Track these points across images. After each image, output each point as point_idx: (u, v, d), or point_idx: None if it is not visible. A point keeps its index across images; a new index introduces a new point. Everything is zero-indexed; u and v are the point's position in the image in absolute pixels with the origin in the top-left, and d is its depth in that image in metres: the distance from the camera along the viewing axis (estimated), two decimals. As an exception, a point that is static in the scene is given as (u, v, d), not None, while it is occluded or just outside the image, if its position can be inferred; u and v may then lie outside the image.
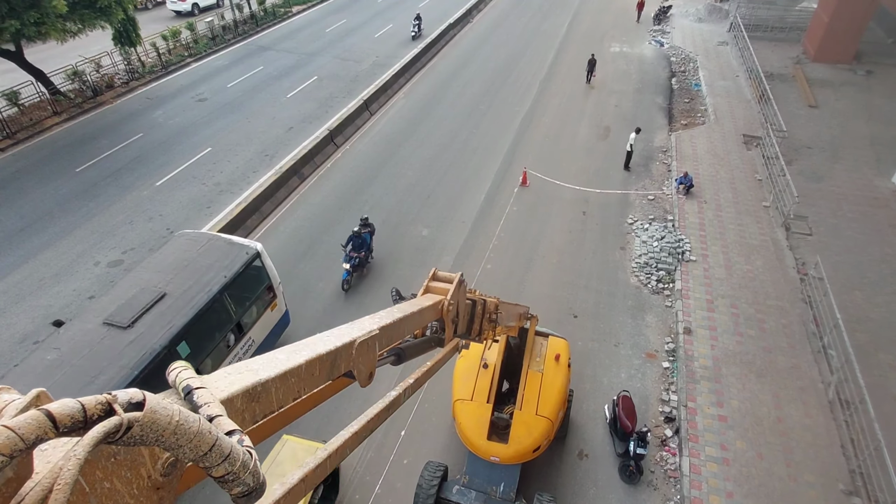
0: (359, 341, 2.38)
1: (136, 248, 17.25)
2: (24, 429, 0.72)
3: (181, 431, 0.94)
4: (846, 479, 10.83)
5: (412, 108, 26.37)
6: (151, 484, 1.05)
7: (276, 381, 1.60)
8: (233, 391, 1.40)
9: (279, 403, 1.65)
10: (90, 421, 0.81)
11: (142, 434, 0.87)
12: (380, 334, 2.68)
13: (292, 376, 1.71)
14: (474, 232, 18.04)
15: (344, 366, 2.26)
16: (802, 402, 12.30)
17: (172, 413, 0.93)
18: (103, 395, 0.85)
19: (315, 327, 14.50)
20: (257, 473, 1.14)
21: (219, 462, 1.04)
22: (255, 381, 1.49)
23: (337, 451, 2.21)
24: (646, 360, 13.59)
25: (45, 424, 0.75)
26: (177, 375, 1.26)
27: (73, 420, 0.79)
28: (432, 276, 5.10)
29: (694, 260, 16.30)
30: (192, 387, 1.23)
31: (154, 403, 0.91)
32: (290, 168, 20.35)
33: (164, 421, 0.91)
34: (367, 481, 11.09)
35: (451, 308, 4.82)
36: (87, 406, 0.81)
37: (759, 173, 20.52)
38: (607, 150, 22.66)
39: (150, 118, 24.93)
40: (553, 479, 11.05)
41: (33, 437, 0.73)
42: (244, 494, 1.13)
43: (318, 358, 1.93)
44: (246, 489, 1.12)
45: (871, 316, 14.61)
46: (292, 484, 1.77)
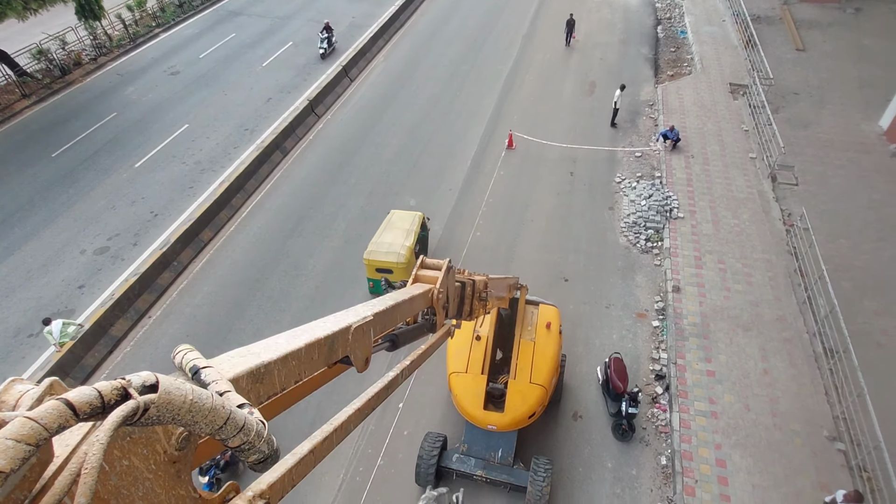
0: (354, 326, 2.45)
1: (122, 233, 17.06)
2: (46, 419, 0.76)
3: (196, 409, 1.00)
4: (830, 426, 11.27)
5: (393, 71, 25.66)
6: (167, 458, 1.11)
7: (279, 364, 1.67)
8: (238, 372, 1.46)
9: (282, 385, 1.72)
10: (108, 406, 0.85)
11: (158, 414, 0.92)
12: (374, 320, 2.75)
13: (293, 359, 1.78)
14: (462, 199, 17.93)
15: (341, 350, 2.36)
16: (788, 353, 12.65)
17: (186, 392, 0.98)
18: (117, 380, 0.89)
19: (309, 305, 14.61)
20: (271, 441, 1.23)
21: (234, 434, 1.11)
22: (259, 363, 1.56)
23: (342, 426, 2.32)
24: (636, 319, 13.83)
25: (66, 413, 0.79)
26: (183, 357, 1.30)
27: (91, 407, 0.82)
28: (420, 263, 5.11)
29: (682, 217, 16.36)
30: (199, 367, 1.27)
31: (167, 384, 0.95)
32: (272, 142, 19.94)
33: (178, 400, 0.96)
34: (370, 453, 11.42)
35: (441, 296, 4.87)
36: (103, 392, 0.84)
37: (746, 123, 20.35)
38: (593, 106, 22.31)
39: (122, 96, 24.15)
40: (549, 442, 11.42)
41: (56, 425, 0.77)
42: (260, 461, 1.22)
43: (316, 342, 2.01)
44: (262, 456, 1.21)
45: (856, 264, 14.85)
46: (302, 454, 1.87)
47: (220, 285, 15.39)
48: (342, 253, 16.15)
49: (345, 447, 11.50)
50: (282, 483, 1.64)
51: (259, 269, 15.79)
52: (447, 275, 5.04)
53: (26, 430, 0.74)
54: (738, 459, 10.80)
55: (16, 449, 0.72)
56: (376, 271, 13.97)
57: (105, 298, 14.80)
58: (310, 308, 14.50)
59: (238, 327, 14.20)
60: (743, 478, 10.52)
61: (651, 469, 10.94)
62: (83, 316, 14.48)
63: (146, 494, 1.04)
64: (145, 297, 14.78)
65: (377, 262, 13.77)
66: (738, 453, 10.89)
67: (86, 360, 13.26)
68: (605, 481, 10.76)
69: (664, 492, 10.58)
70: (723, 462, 10.77)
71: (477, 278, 6.76)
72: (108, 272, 15.78)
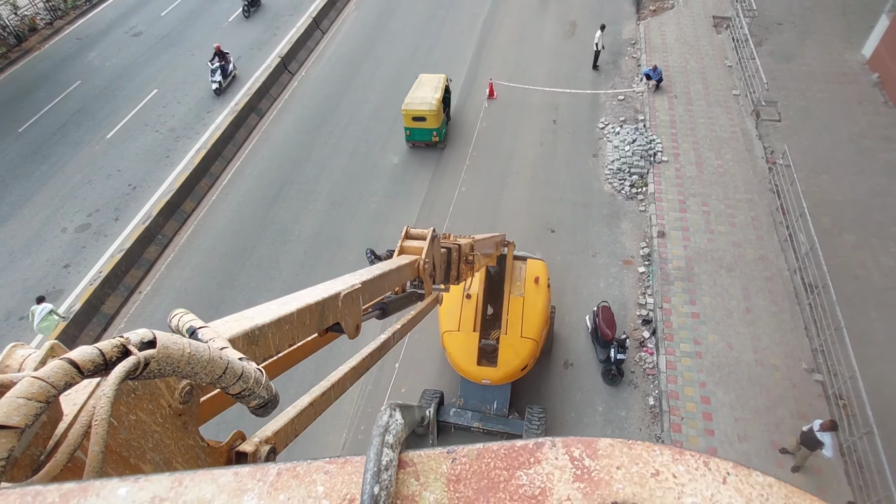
0: (343, 293, 2.53)
1: (101, 209, 16.76)
2: (53, 377, 0.81)
3: (194, 360, 1.05)
4: (808, 359, 11.80)
5: (365, 21, 24.64)
6: (173, 412, 1.18)
7: (272, 327, 1.74)
8: (233, 333, 1.52)
9: (276, 348, 1.80)
10: (110, 363, 0.90)
11: (159, 368, 0.97)
12: (362, 288, 2.84)
13: (286, 323, 1.85)
14: (446, 154, 17.71)
15: (332, 317, 2.44)
16: (769, 291, 13.04)
17: (184, 346, 1.03)
18: (116, 338, 0.94)
19: (299, 271, 14.66)
20: (270, 387, 1.30)
21: (234, 381, 1.17)
22: (253, 326, 1.63)
23: (338, 383, 2.44)
24: (623, 267, 14.09)
25: (71, 371, 0.84)
26: (179, 319, 1.35)
27: (94, 364, 0.88)
28: (405, 234, 5.16)
29: (666, 161, 16.36)
30: (196, 327, 1.32)
31: (165, 339, 1.00)
32: (247, 104, 19.34)
33: (177, 353, 1.00)
34: (369, 413, 11.82)
35: (427, 265, 4.96)
36: (104, 350, 0.89)
37: (730, 59, 20.01)
38: (574, 48, 21.73)
39: (84, 62, 23.07)
40: (542, 390, 11.87)
41: (62, 383, 0.82)
42: (261, 406, 1.30)
43: (307, 307, 2.07)
44: (262, 401, 1.28)
45: (836, 198, 15.06)
46: (303, 406, 1.99)
47: (208, 256, 15.33)
48: (328, 216, 16.06)
49: (346, 407, 11.88)
50: (285, 431, 1.74)
51: (245, 238, 15.71)
52: (432, 244, 5.10)
53: (35, 388, 0.79)
54: (722, 395, 11.33)
55: (28, 406, 0.77)
56: (412, 119, 16.91)
57: (93, 276, 14.73)
58: (300, 274, 14.56)
59: (230, 298, 14.27)
60: (726, 412, 11.08)
61: (639, 410, 11.47)
62: (73, 294, 14.46)
63: (156, 446, 1.11)
64: (133, 273, 14.72)
65: (413, 112, 16.72)
66: (722, 390, 11.42)
67: (81, 339, 13.31)
68: (596, 424, 11.28)
69: (652, 430, 11.15)
70: (707, 399, 11.31)
71: (462, 242, 6.80)
72: (93, 249, 15.62)
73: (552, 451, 0.64)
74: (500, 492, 0.61)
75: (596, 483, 0.60)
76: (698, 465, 0.60)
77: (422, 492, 0.63)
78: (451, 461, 0.65)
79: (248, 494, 0.65)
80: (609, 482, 0.60)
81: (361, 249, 14.82)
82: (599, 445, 0.64)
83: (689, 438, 10.76)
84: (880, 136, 16.59)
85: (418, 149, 17.92)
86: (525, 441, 0.65)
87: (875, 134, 16.66)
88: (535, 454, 0.64)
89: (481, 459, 0.64)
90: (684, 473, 0.60)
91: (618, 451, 0.63)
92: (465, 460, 0.65)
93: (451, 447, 0.66)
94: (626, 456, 0.62)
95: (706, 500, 0.57)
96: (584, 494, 0.59)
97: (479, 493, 0.61)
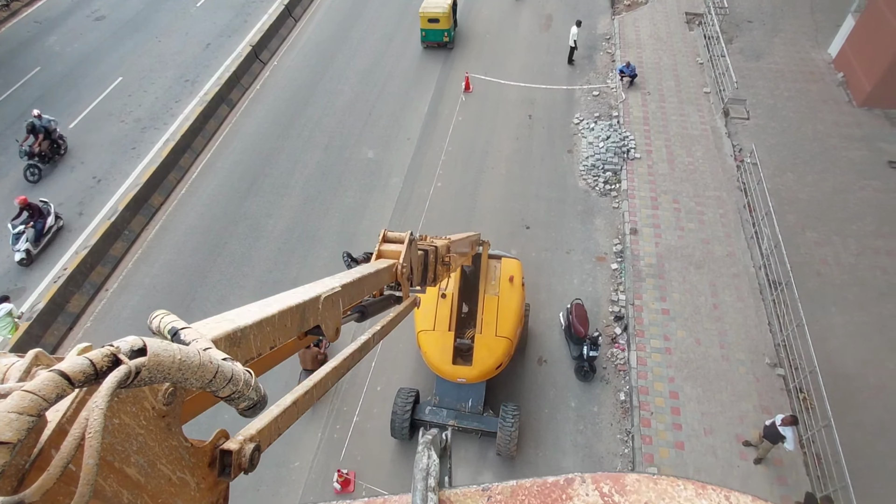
0: (324, 296, 2.55)
1: (65, 202, 16.18)
2: (44, 390, 0.81)
3: (185, 367, 1.06)
4: (771, 353, 12.22)
5: (340, 8, 24.15)
6: (156, 413, 1.17)
7: (254, 329, 1.76)
8: (215, 335, 1.52)
9: (258, 350, 1.81)
10: (100, 373, 0.90)
11: (150, 376, 0.98)
12: (342, 291, 2.87)
13: (267, 325, 1.87)
14: (421, 149, 17.61)
15: (312, 320, 2.46)
16: (735, 288, 13.42)
17: (174, 352, 1.04)
18: (106, 347, 0.94)
19: (272, 268, 14.47)
20: (258, 388, 1.31)
21: (224, 385, 1.18)
22: (235, 327, 1.64)
23: (320, 382, 2.46)
24: (596, 263, 14.30)
25: (62, 383, 0.84)
26: (160, 320, 1.34)
27: (85, 375, 0.88)
28: (382, 238, 5.17)
29: (638, 157, 16.58)
30: (178, 328, 1.31)
31: (155, 347, 1.00)
32: (216, 95, 18.81)
33: (167, 361, 1.01)
34: (346, 411, 11.81)
35: (405, 269, 4.98)
36: (94, 360, 0.90)
37: (701, 56, 20.31)
38: (550, 41, 21.74)
39: (44, 47, 22.10)
40: (517, 387, 12.03)
41: (53, 395, 0.83)
42: (250, 407, 1.31)
43: (288, 310, 2.09)
44: (251, 403, 1.29)
45: (801, 196, 15.54)
46: (286, 405, 2.00)
47: (178, 252, 14.99)
48: (302, 211, 15.84)
49: (321, 407, 11.85)
50: (269, 430, 1.75)
51: (217, 234, 15.39)
52: (409, 248, 5.12)
53: (27, 402, 0.79)
54: (689, 390, 11.68)
55: (20, 421, 0.77)
56: (428, 21, 20.36)
57: (56, 273, 14.27)
58: (273, 271, 14.36)
59: (201, 295, 14.02)
60: (693, 407, 11.43)
61: (611, 405, 11.74)
62: (36, 292, 14.00)
63: (140, 448, 1.11)
64: (99, 270, 14.31)
65: (429, 14, 20.17)
66: (689, 385, 11.76)
67: (45, 339, 12.93)
68: (569, 420, 11.51)
69: (623, 425, 11.43)
70: (675, 394, 11.64)
71: (439, 243, 6.81)
72: (56, 245, 15.11)
73: (582, 487, 0.68)
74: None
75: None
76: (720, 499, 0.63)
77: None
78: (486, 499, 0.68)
79: None
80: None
81: (336, 245, 14.70)
82: (627, 481, 0.68)
83: (658, 433, 11.08)
84: (843, 135, 17.11)
85: (394, 142, 17.75)
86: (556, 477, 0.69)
87: (839, 133, 17.18)
88: (567, 490, 0.68)
89: (515, 497, 0.68)
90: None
91: (644, 487, 0.67)
92: (500, 497, 0.68)
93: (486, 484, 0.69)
94: (653, 491, 0.66)
95: None
96: None
97: None
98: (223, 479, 1.44)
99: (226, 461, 1.45)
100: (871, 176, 15.94)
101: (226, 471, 1.45)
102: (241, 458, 1.49)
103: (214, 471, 1.42)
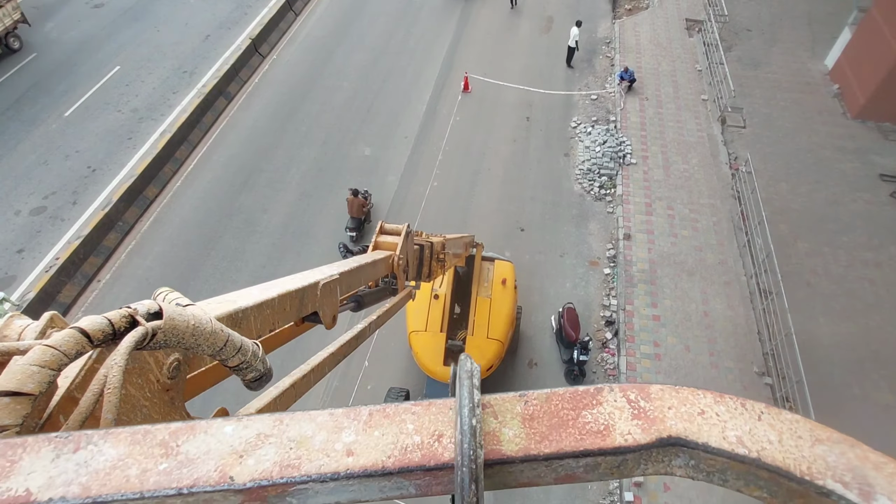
0: (322, 283, 2.59)
1: (58, 191, 16.11)
2: (65, 346, 0.84)
3: (198, 332, 1.08)
4: (759, 362, 12.35)
5: (341, 3, 24.07)
6: (161, 387, 1.21)
7: (255, 310, 1.78)
8: (218, 314, 1.54)
9: (258, 332, 1.82)
10: (118, 333, 0.93)
11: (165, 339, 1.00)
12: (340, 279, 2.90)
13: (267, 307, 1.89)
14: (418, 147, 17.61)
15: (311, 305, 2.49)
16: (726, 296, 13.53)
17: (188, 317, 1.07)
18: (124, 309, 0.97)
19: (266, 263, 14.47)
20: (265, 361, 1.34)
21: (233, 354, 1.21)
22: (237, 308, 1.66)
23: (317, 367, 2.53)
24: (589, 268, 14.38)
25: (82, 340, 0.87)
26: (164, 297, 1.38)
27: (104, 333, 0.90)
28: (380, 229, 5.20)
29: (634, 163, 16.67)
30: (183, 304, 1.33)
31: (171, 311, 1.03)
32: (215, 87, 18.73)
33: (182, 325, 1.04)
34: (335, 409, 11.83)
35: (401, 261, 5.02)
36: (113, 320, 0.92)
37: (700, 63, 20.40)
38: (550, 44, 21.77)
39: (41, 33, 21.90)
40: (506, 389, 11.99)
41: (73, 351, 0.85)
42: (256, 379, 1.34)
43: (288, 294, 2.12)
44: (258, 374, 1.32)
45: (793, 206, 15.67)
46: (285, 387, 2.08)
47: (172, 245, 14.95)
48: (298, 207, 15.83)
49: (311, 403, 11.85)
50: (268, 410, 1.78)
51: (211, 227, 15.36)
52: (406, 240, 5.16)
53: (48, 356, 0.81)
54: (678, 397, 11.77)
55: (42, 374, 0.80)
56: None
57: (48, 263, 14.20)
58: (267, 266, 14.36)
59: (194, 288, 13.97)
60: (681, 413, 11.52)
61: (599, 409, 11.82)
62: (27, 281, 13.92)
63: (144, 420, 1.13)
64: (92, 261, 14.25)
65: None
66: (678, 391, 11.85)
67: (35, 329, 12.88)
68: (557, 423, 11.58)
69: (611, 429, 11.52)
70: (664, 400, 11.73)
71: (434, 240, 6.87)
72: (49, 234, 15.03)
73: (611, 394, 0.74)
74: (569, 428, 0.70)
75: (652, 420, 0.70)
76: (736, 406, 0.70)
77: (501, 429, 0.71)
78: (524, 403, 0.74)
79: (346, 431, 0.71)
80: (663, 419, 0.69)
81: (331, 242, 14.72)
82: (651, 390, 0.74)
83: (645, 438, 11.17)
84: (837, 146, 17.26)
85: (392, 139, 17.75)
86: (587, 387, 0.74)
87: (832, 145, 17.33)
88: (597, 397, 0.74)
89: (550, 402, 0.73)
90: (725, 412, 0.69)
91: (667, 395, 0.73)
92: (536, 402, 0.73)
93: (522, 391, 0.75)
94: (675, 398, 0.72)
95: (746, 433, 0.67)
96: (643, 430, 0.69)
97: (552, 429, 0.70)
98: None
99: None
100: (862, 188, 16.09)
101: None
102: None
103: None
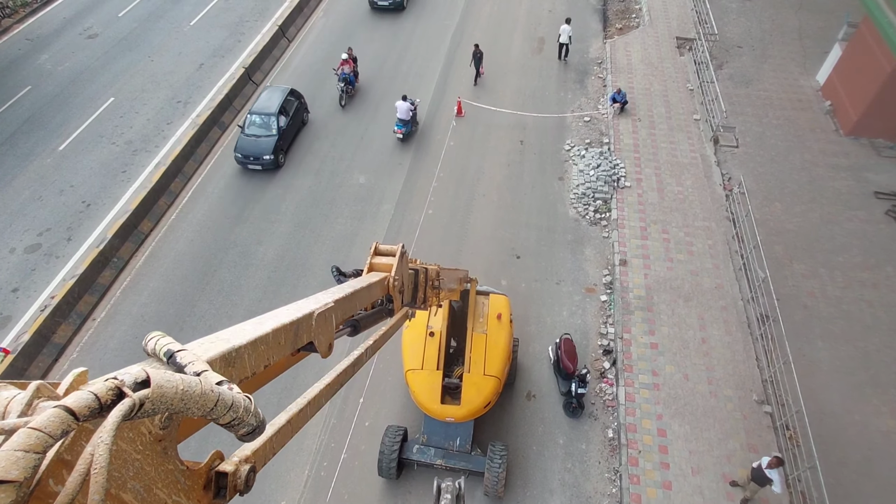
0: (317, 313, 2.56)
1: (53, 227, 16.10)
2: (50, 427, 0.81)
3: (187, 397, 1.07)
4: (759, 390, 12.27)
5: (333, 29, 24.22)
6: (153, 438, 1.18)
7: (248, 348, 1.75)
8: (210, 356, 1.51)
9: (252, 369, 1.79)
10: (105, 406, 0.90)
11: (153, 407, 0.98)
12: (335, 307, 2.88)
13: (261, 343, 1.86)
14: (413, 174, 17.63)
15: (306, 336, 2.46)
16: (724, 321, 13.49)
17: (177, 383, 1.05)
18: (110, 380, 0.95)
19: (262, 297, 14.42)
20: (258, 414, 1.31)
21: (224, 412, 1.19)
22: (230, 347, 1.62)
23: (314, 400, 2.48)
24: (585, 295, 14.33)
25: (68, 419, 0.84)
26: (156, 343, 1.34)
27: (90, 410, 0.88)
28: (374, 251, 5.13)
29: (628, 186, 16.68)
30: (174, 350, 1.32)
31: (158, 378, 1.01)
32: (209, 117, 18.80)
33: (170, 392, 1.02)
34: (333, 447, 11.75)
35: (397, 283, 4.97)
36: (99, 394, 0.90)
37: (691, 82, 20.49)
38: (542, 65, 21.87)
39: (35, 65, 22.02)
40: (505, 422, 12.02)
41: (59, 432, 0.82)
42: (249, 433, 1.31)
43: (282, 327, 2.09)
44: (250, 428, 1.29)
45: (788, 227, 15.66)
46: (281, 424, 2.02)
47: (167, 280, 14.91)
48: (292, 239, 15.81)
49: (308, 443, 11.78)
50: (264, 450, 1.76)
51: (206, 261, 15.33)
52: (401, 261, 5.09)
53: (33, 440, 0.79)
54: (677, 428, 11.70)
55: (26, 459, 0.78)
56: None
57: (43, 302, 14.16)
58: (262, 300, 14.31)
59: (190, 324, 13.94)
60: (681, 445, 11.45)
61: (599, 443, 11.74)
62: (22, 321, 13.89)
63: (137, 473, 1.10)
64: (87, 299, 14.20)
65: None
66: (677, 422, 11.78)
67: (30, 371, 12.82)
68: (557, 458, 11.50)
69: (611, 463, 11.44)
70: (663, 431, 11.66)
71: (430, 267, 6.83)
72: (43, 272, 15.00)
73: None
74: None
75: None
76: None
77: None
78: None
79: None
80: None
81: (327, 273, 14.63)
82: None
83: (646, 472, 11.09)
84: (830, 164, 17.30)
85: (386, 167, 17.76)
86: None
87: (826, 162, 17.36)
88: None
89: None
90: None
91: None
92: None
93: None
94: None
95: None
96: None
97: None
98: (218, 501, 1.45)
99: (221, 483, 1.47)
100: (857, 206, 16.10)
101: (221, 493, 1.46)
102: (236, 480, 1.50)
103: (210, 493, 1.43)
